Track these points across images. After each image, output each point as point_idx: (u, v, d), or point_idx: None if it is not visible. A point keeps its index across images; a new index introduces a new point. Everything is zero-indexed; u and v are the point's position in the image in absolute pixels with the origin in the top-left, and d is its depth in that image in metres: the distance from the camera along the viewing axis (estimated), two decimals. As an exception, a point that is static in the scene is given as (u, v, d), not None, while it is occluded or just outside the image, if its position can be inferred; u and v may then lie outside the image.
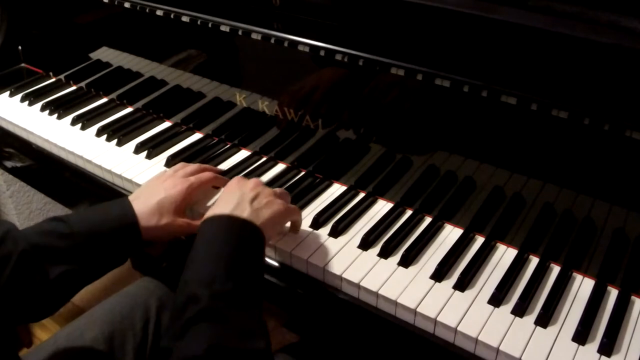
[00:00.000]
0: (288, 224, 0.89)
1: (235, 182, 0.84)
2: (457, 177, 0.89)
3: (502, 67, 0.80)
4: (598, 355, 0.71)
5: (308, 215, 0.93)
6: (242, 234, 0.74)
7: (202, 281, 0.67)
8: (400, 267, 0.84)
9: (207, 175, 0.94)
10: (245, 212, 0.75)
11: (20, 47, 1.41)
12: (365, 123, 0.94)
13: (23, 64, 1.42)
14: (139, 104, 1.24)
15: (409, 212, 0.94)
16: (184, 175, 0.91)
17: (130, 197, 0.86)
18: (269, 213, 0.78)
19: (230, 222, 0.74)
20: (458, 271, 0.82)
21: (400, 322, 0.79)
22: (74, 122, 1.19)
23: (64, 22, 1.31)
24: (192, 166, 0.96)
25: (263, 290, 0.74)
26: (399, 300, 0.78)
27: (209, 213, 0.76)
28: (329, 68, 0.92)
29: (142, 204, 0.84)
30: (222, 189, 0.83)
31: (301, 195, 0.97)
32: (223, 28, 1.00)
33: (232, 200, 0.78)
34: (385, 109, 0.91)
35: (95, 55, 1.28)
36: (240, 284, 0.68)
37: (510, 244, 0.88)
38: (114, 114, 1.23)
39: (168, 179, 0.90)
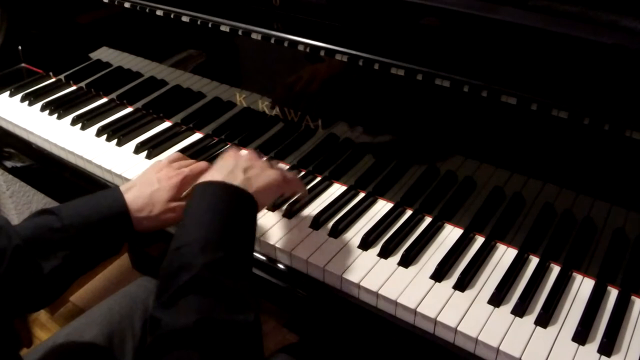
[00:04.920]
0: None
1: (231, 152, 0.83)
2: (457, 177, 0.89)
3: (502, 67, 0.80)
4: (598, 355, 0.71)
5: (308, 215, 0.93)
6: (233, 201, 0.73)
7: (194, 248, 0.66)
8: (400, 267, 0.84)
9: (201, 165, 0.92)
10: (237, 180, 0.75)
11: (20, 47, 1.41)
12: (365, 123, 0.94)
13: (23, 64, 1.42)
14: (139, 104, 1.24)
15: (409, 212, 0.94)
16: (179, 167, 0.90)
17: (123, 188, 0.85)
18: (262, 181, 0.77)
19: (222, 189, 0.73)
20: (458, 271, 0.82)
21: (400, 322, 0.79)
22: (74, 122, 1.19)
23: (64, 22, 1.31)
24: (188, 161, 0.94)
25: (253, 262, 0.73)
26: (399, 300, 0.78)
27: (202, 179, 0.76)
28: (327, 66, 0.92)
29: (135, 195, 0.84)
30: (217, 160, 0.83)
31: (301, 195, 0.97)
32: (223, 28, 0.99)
33: (226, 167, 0.77)
34: (385, 108, 0.91)
35: (95, 55, 1.28)
36: (231, 252, 0.68)
37: (510, 244, 0.88)
38: (114, 114, 1.23)
39: (163, 169, 0.89)
